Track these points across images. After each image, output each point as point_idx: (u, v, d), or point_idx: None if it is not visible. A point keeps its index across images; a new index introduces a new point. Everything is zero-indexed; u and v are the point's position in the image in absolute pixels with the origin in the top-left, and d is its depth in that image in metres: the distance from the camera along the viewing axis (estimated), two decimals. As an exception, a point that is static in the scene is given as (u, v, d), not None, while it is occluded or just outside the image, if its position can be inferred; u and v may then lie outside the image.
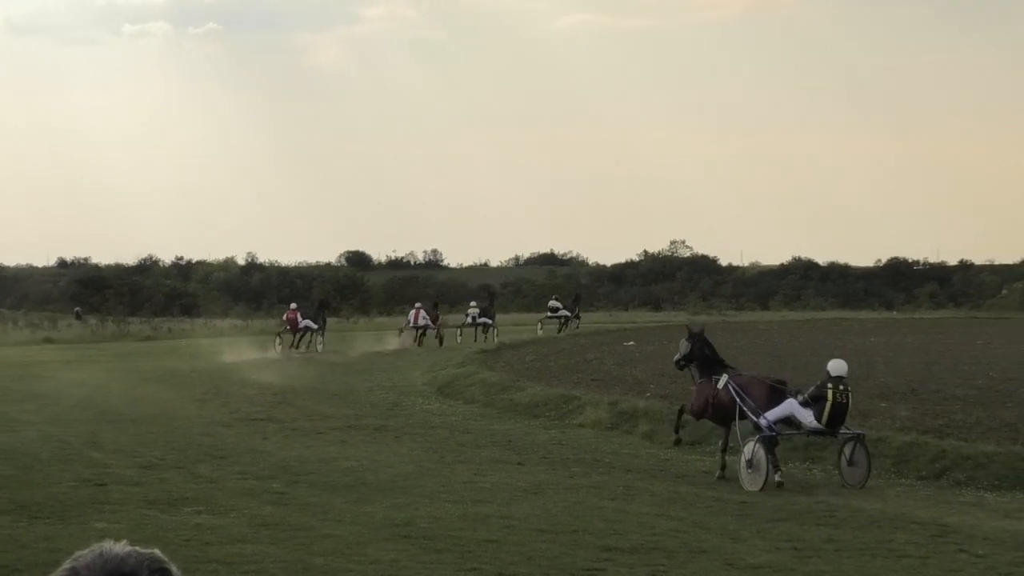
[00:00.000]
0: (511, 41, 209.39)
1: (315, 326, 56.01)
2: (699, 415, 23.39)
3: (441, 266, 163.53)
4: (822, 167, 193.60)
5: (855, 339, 54.94)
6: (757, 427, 21.56)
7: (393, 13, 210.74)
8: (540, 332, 64.71)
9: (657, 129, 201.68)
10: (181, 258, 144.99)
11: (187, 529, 16.20)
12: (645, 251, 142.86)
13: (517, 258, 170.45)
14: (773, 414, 21.59)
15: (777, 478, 20.74)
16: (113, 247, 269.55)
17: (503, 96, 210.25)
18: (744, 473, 20.95)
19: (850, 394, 21.86)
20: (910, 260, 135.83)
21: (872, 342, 52.60)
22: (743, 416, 21.98)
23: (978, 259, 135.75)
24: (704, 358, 23.29)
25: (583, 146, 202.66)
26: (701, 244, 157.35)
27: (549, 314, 68.04)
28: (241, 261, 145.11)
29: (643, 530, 16.22)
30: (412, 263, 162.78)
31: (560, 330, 65.59)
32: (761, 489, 20.34)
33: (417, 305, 62.59)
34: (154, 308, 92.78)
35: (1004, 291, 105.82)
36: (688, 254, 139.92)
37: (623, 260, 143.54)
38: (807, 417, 21.54)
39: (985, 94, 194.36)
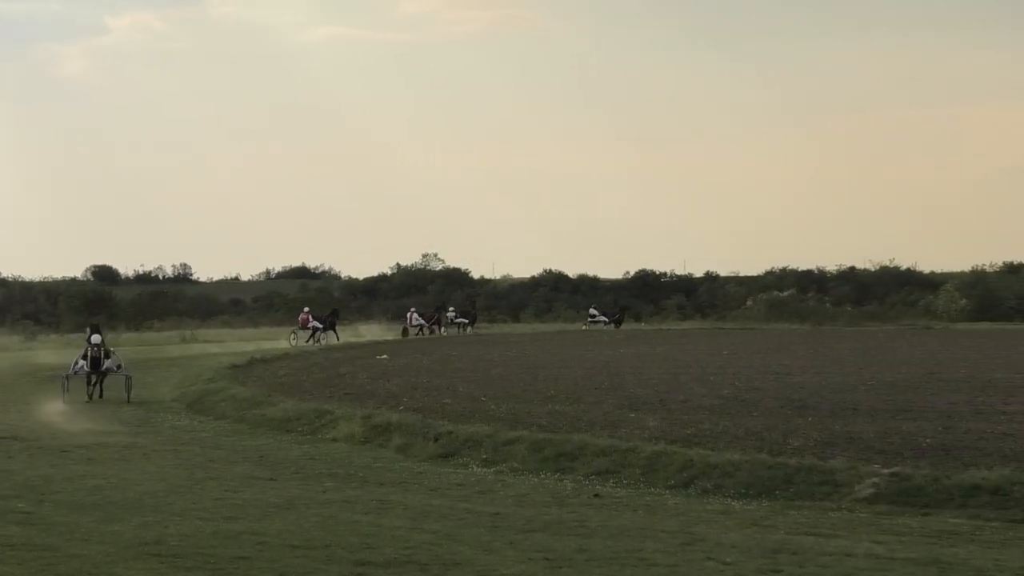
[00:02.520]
0: (262, 53, 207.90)
1: (320, 326, 73.07)
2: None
3: (191, 280, 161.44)
4: (572, 181, 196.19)
5: (604, 350, 55.74)
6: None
7: (140, 24, 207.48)
8: (584, 328, 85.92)
9: (409, 142, 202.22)
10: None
11: (-73, 553, 15.68)
12: (398, 264, 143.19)
13: (269, 272, 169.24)
14: (77, 364, 40.51)
15: (64, 402, 38.06)
16: None
17: (254, 108, 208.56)
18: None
19: (102, 350, 40.35)
20: (658, 272, 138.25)
21: (621, 353, 53.41)
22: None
23: (723, 271, 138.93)
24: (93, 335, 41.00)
25: (335, 158, 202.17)
26: (453, 257, 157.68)
27: (590, 319, 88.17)
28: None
29: (396, 544, 16.18)
30: (161, 277, 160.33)
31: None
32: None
33: (412, 309, 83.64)
34: None
35: (749, 302, 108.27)
36: (441, 267, 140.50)
37: (376, 273, 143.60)
38: (83, 364, 40.30)
39: (728, 109, 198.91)
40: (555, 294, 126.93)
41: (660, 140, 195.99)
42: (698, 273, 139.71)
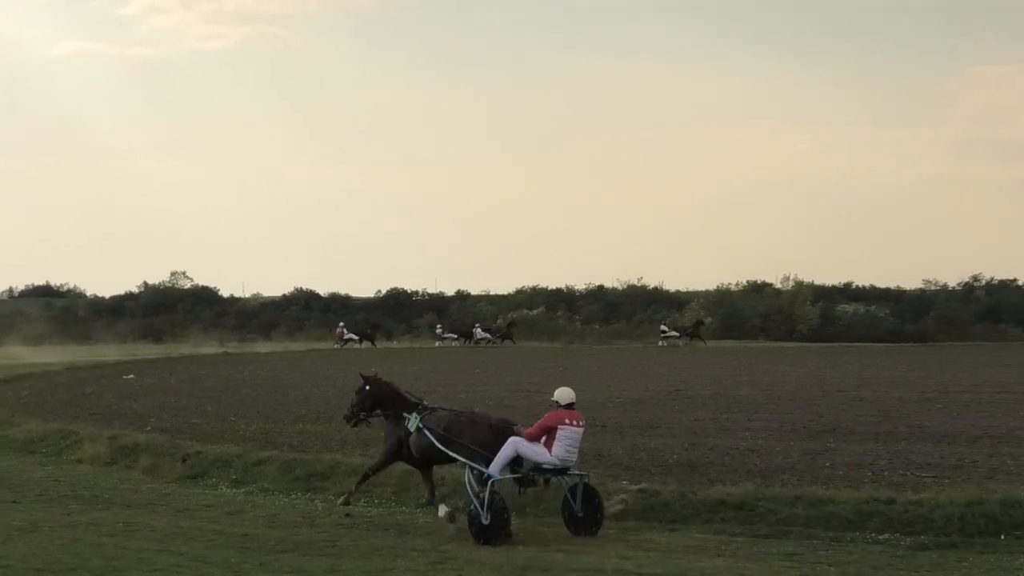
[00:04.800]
0: (5, 67, 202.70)
1: (355, 338, 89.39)
2: None
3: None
4: (322, 199, 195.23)
5: (356, 368, 55.55)
6: None
7: None
8: (660, 344, 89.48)
9: (157, 158, 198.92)
10: None
11: None
12: (145, 282, 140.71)
13: (11, 290, 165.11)
14: None
15: None
16: None
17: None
18: None
19: None
20: (409, 291, 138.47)
21: (374, 371, 53.24)
22: None
23: (474, 289, 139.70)
24: None
25: (81, 174, 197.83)
26: (202, 275, 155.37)
27: (662, 335, 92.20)
28: None
29: (143, 566, 15.89)
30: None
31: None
32: None
33: (477, 325, 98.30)
34: None
35: (500, 321, 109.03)
36: (189, 285, 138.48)
37: (122, 292, 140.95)
38: None
39: (477, 130, 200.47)
40: (307, 313, 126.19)
41: (410, 160, 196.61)
42: (449, 291, 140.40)
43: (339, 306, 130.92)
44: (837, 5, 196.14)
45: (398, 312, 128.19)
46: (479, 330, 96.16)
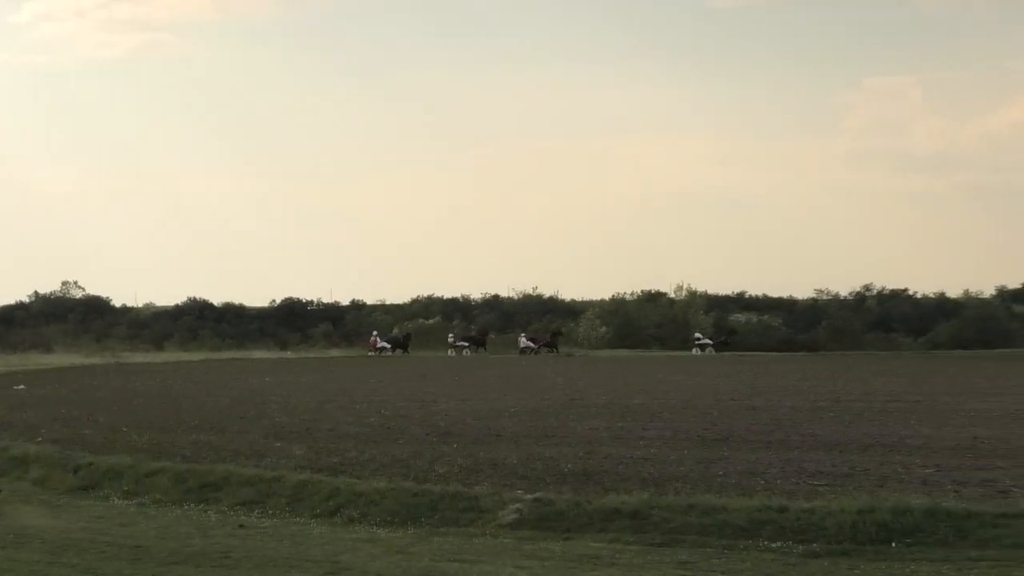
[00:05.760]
0: None
1: (387, 346, 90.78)
2: None
3: None
4: (215, 208, 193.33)
5: (250, 379, 55.30)
6: None
7: None
8: (694, 354, 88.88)
9: (49, 166, 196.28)
10: None
11: None
12: (36, 292, 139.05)
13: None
14: None
15: None
16: None
17: None
18: None
19: None
20: (304, 300, 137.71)
21: (267, 381, 53.08)
22: None
23: (370, 299, 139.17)
24: None
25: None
26: (94, 285, 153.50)
27: (696, 343, 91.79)
28: None
29: (33, 580, 15.72)
30: None
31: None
32: None
33: (523, 335, 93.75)
34: None
35: (395, 330, 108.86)
36: (81, 295, 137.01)
37: (13, 301, 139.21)
38: None
39: (371, 138, 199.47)
40: (200, 323, 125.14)
41: (303, 169, 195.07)
42: (345, 301, 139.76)
43: (233, 316, 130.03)
44: (730, 16, 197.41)
45: (292, 322, 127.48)
46: (523, 338, 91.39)
